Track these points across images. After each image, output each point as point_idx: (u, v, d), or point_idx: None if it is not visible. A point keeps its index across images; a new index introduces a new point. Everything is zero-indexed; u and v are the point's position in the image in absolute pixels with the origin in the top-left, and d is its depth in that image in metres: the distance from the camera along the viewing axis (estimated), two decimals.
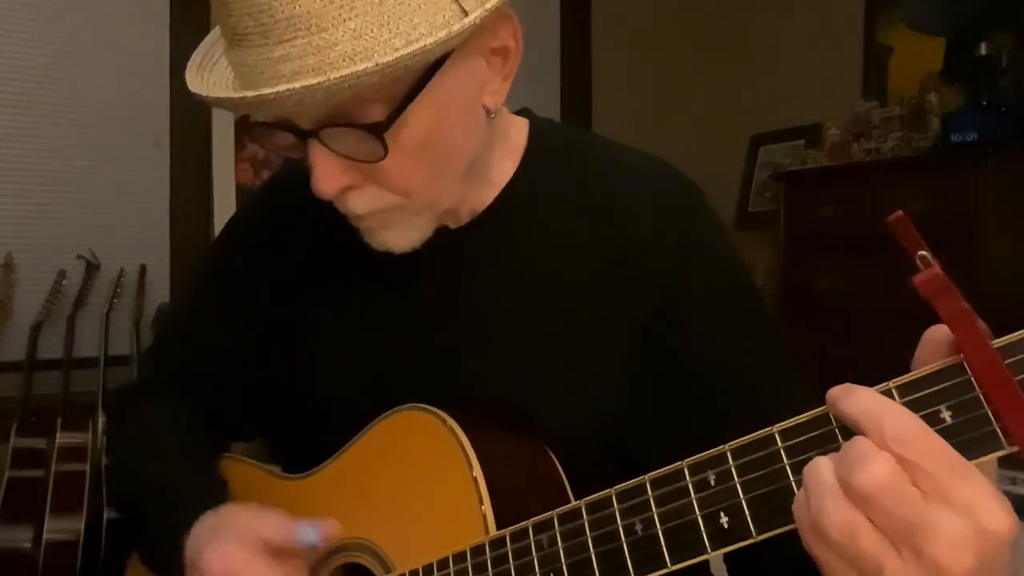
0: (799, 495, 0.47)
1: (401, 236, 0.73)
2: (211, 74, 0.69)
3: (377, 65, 0.57)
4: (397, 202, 0.70)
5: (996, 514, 0.42)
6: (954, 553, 0.42)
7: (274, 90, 0.58)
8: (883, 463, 0.43)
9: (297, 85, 0.58)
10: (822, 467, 0.46)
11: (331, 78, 0.57)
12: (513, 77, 0.72)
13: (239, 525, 0.76)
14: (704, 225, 0.79)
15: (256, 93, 0.59)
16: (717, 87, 3.65)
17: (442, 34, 0.59)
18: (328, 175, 0.66)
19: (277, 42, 0.59)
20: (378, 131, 0.63)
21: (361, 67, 0.57)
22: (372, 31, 0.59)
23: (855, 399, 0.46)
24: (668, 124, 3.49)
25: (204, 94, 0.65)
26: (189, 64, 0.70)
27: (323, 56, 0.59)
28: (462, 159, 0.72)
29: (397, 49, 0.58)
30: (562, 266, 0.77)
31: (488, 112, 0.71)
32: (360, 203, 0.70)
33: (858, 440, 0.45)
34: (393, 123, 0.63)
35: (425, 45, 0.58)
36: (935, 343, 0.47)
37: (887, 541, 0.44)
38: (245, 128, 0.74)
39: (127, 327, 2.59)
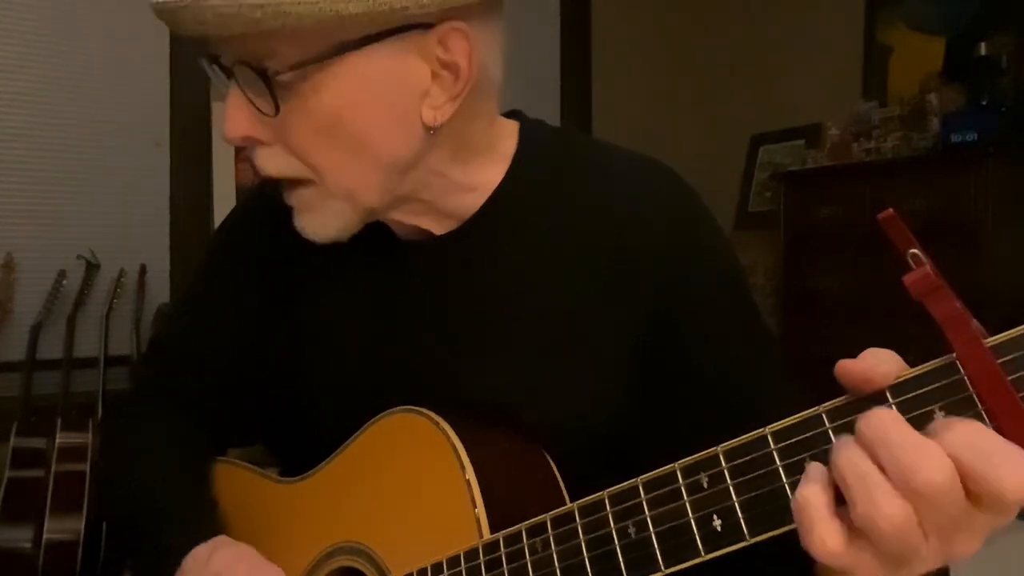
0: (808, 492, 0.45)
1: (319, 222, 0.73)
2: None
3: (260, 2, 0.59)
4: (307, 174, 0.71)
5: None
6: (976, 542, 0.44)
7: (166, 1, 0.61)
8: (944, 461, 0.42)
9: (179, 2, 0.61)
10: (862, 462, 0.44)
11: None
12: (460, 101, 0.70)
13: None
14: (701, 228, 0.79)
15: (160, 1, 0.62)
16: (717, 87, 3.65)
17: (340, 4, 0.60)
18: (235, 119, 0.68)
19: None
20: (265, 76, 0.65)
21: None
22: None
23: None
24: (668, 124, 3.49)
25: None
26: None
27: None
28: (380, 157, 0.70)
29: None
30: (555, 269, 0.77)
31: (427, 128, 0.70)
32: (268, 163, 0.71)
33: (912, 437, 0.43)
34: (283, 76, 0.64)
35: (320, 7, 0.60)
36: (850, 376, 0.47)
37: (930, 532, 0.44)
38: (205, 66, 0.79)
39: (127, 327, 2.59)
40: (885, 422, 0.43)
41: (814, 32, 3.35)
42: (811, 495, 0.45)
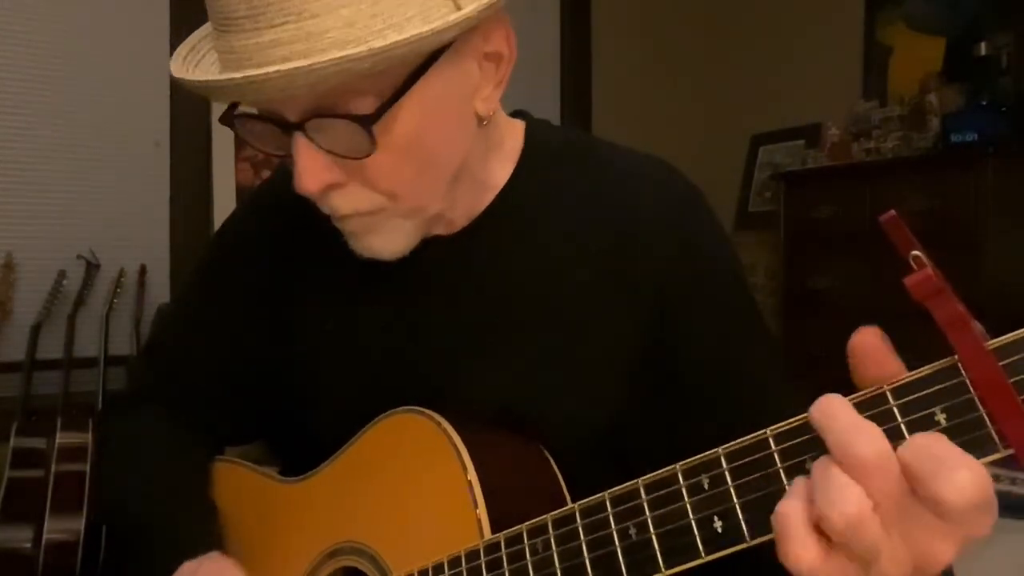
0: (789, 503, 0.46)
1: (387, 241, 0.71)
2: (196, 68, 0.68)
3: (370, 50, 0.56)
4: (382, 203, 0.68)
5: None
6: (948, 547, 0.43)
7: (263, 71, 0.57)
8: (877, 434, 0.43)
9: (287, 67, 0.57)
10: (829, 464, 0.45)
11: (322, 60, 0.56)
12: (505, 85, 0.71)
13: None
14: (705, 228, 0.79)
15: (243, 74, 0.58)
16: (717, 87, 3.65)
17: (437, 24, 0.58)
18: (312, 171, 0.65)
19: (267, 27, 0.58)
20: (367, 123, 0.62)
21: (353, 51, 0.56)
22: (365, 19, 0.58)
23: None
24: (668, 124, 3.49)
25: (189, 78, 0.64)
26: (174, 56, 0.69)
27: (314, 43, 0.58)
28: (450, 163, 0.71)
29: (389, 37, 0.57)
30: (561, 268, 0.77)
31: (480, 119, 0.71)
32: (344, 203, 0.68)
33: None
34: (383, 116, 0.62)
35: (421, 33, 0.58)
36: (871, 347, 0.47)
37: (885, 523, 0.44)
38: (228, 123, 0.73)
39: (127, 327, 2.59)
40: (829, 402, 0.45)
41: (814, 32, 3.35)
42: (790, 509, 0.45)
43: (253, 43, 0.59)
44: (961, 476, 0.41)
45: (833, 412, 0.45)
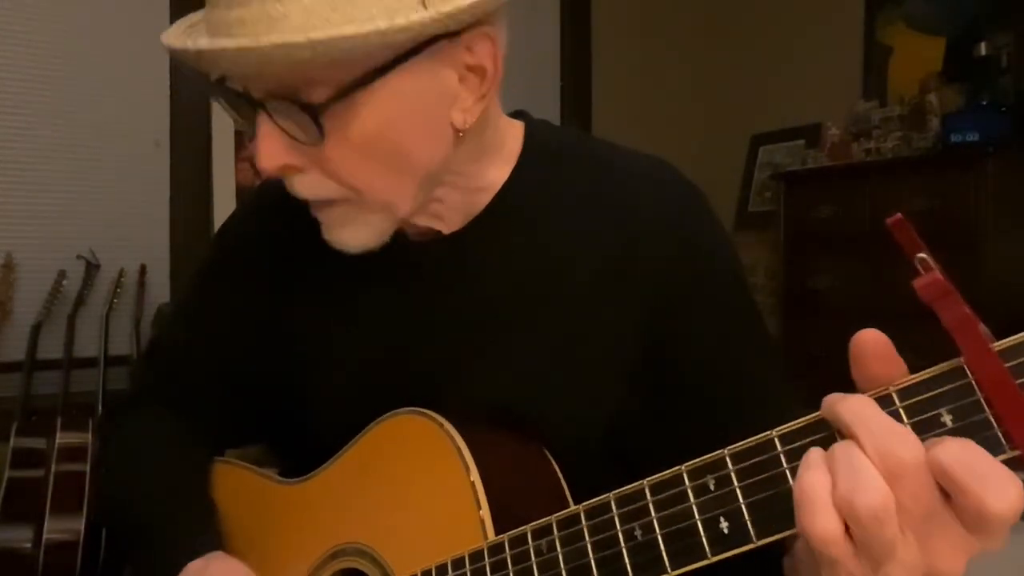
0: (809, 481, 0.45)
1: (353, 235, 0.72)
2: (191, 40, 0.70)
3: (308, 40, 0.58)
4: (344, 194, 0.69)
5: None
6: (959, 558, 0.44)
7: (216, 45, 0.60)
8: (916, 441, 0.43)
9: (232, 45, 0.59)
10: (854, 452, 0.45)
11: (263, 44, 0.58)
12: (488, 100, 0.71)
13: None
14: (705, 228, 0.79)
15: (196, 47, 0.61)
16: (717, 87, 3.65)
17: (384, 23, 0.59)
18: (269, 149, 0.66)
19: (236, 5, 0.61)
20: (313, 112, 0.63)
21: (292, 39, 0.58)
22: (323, 10, 0.59)
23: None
24: (668, 124, 3.49)
25: (165, 42, 0.66)
26: (179, 21, 0.71)
27: (272, 25, 0.59)
28: (417, 168, 0.70)
29: (344, 30, 0.59)
30: (560, 268, 0.77)
31: (456, 130, 0.70)
32: (303, 187, 0.70)
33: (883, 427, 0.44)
34: (330, 107, 0.63)
35: (364, 32, 0.59)
36: (880, 344, 0.47)
37: (905, 526, 0.43)
38: (212, 93, 0.75)
39: (127, 327, 2.59)
40: (863, 403, 0.45)
41: (814, 32, 3.35)
42: (816, 481, 0.45)
43: (223, 19, 0.62)
44: (1013, 490, 0.41)
45: (866, 413, 0.45)
